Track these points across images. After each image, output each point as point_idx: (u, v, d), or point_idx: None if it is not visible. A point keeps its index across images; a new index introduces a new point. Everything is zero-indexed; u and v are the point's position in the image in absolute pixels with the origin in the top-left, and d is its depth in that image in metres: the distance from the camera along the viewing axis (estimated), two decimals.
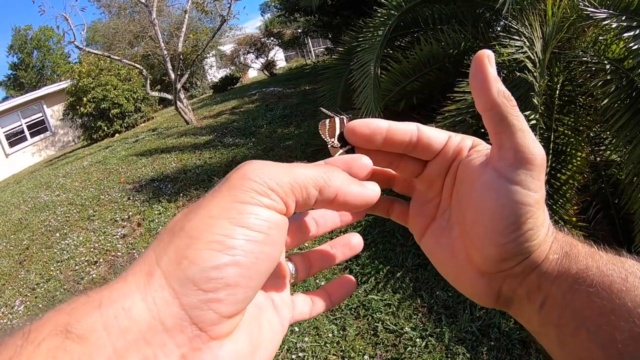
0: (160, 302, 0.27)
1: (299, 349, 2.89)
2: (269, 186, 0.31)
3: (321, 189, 0.34)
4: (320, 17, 12.88)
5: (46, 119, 19.22)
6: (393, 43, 4.84)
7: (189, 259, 0.28)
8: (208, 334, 0.28)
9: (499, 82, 0.36)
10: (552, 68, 3.05)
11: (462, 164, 0.41)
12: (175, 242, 0.29)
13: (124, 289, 0.27)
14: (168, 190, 6.43)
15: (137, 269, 0.29)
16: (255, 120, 9.22)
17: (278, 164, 0.34)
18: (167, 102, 15.55)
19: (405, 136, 0.40)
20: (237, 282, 0.28)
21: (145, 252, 0.30)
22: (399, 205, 0.48)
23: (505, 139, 0.36)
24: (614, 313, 0.33)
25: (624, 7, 2.66)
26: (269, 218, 0.31)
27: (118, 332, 0.25)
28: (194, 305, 0.27)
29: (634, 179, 2.48)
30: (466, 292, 0.42)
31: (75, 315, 0.26)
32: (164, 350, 0.26)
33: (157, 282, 0.27)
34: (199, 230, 0.29)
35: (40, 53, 30.94)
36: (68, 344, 0.24)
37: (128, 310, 0.26)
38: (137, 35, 16.57)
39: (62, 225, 6.31)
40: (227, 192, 0.31)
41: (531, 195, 0.35)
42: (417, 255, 3.52)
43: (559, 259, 0.37)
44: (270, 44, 20.15)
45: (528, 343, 2.54)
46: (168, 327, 0.27)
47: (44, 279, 4.98)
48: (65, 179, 8.92)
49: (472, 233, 0.38)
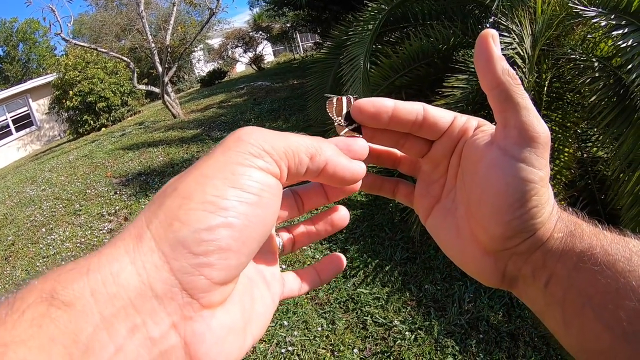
0: (150, 267, 0.26)
1: (288, 342, 2.89)
2: (264, 149, 0.31)
3: (312, 156, 0.35)
4: (309, 11, 12.86)
5: (32, 113, 18.98)
6: (383, 38, 4.83)
7: (181, 220, 0.27)
8: (199, 301, 0.28)
9: (503, 61, 0.36)
10: (541, 65, 3.07)
11: (467, 143, 0.41)
12: (167, 203, 0.29)
13: (113, 253, 0.27)
14: (155, 184, 6.40)
15: (126, 233, 0.28)
16: (243, 114, 9.20)
17: (273, 130, 0.34)
18: (154, 95, 15.45)
19: (411, 115, 0.40)
20: (230, 245, 0.28)
21: (137, 217, 0.29)
22: (405, 186, 0.48)
23: (510, 117, 0.36)
24: (618, 292, 0.33)
25: (613, 6, 2.68)
26: (262, 180, 0.31)
27: (106, 299, 0.25)
28: (185, 269, 0.27)
29: (621, 176, 2.50)
30: (471, 272, 0.42)
31: (61, 282, 0.25)
32: (154, 318, 0.26)
33: (147, 245, 0.27)
34: (191, 190, 0.29)
35: (26, 46, 30.50)
36: (53, 310, 0.24)
37: (116, 275, 0.25)
38: (125, 28, 16.37)
39: (48, 220, 6.25)
40: (222, 153, 0.31)
41: (536, 172, 0.35)
42: (406, 249, 3.54)
43: (564, 237, 0.37)
44: (259, 38, 20.07)
45: (516, 336, 2.57)
46: (158, 294, 0.26)
47: (30, 275, 4.92)
48: (51, 173, 8.84)
49: (477, 212, 0.39)
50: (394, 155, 0.48)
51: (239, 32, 20.16)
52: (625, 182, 2.45)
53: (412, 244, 3.58)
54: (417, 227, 3.19)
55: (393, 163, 0.48)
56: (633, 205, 2.39)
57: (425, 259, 3.37)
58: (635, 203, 2.38)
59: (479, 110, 3.02)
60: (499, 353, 2.48)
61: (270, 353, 2.84)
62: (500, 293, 2.85)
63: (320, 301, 3.22)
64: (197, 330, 0.28)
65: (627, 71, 2.45)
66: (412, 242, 3.60)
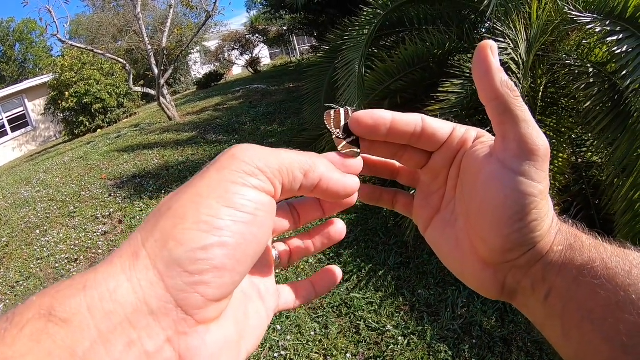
0: (145, 284, 0.27)
1: (281, 347, 2.88)
2: (258, 167, 0.32)
3: (306, 172, 0.35)
4: (306, 14, 12.90)
5: (27, 114, 18.93)
6: (378, 42, 4.84)
7: (176, 239, 0.28)
8: (194, 317, 0.28)
9: (502, 73, 0.36)
10: (536, 70, 3.08)
11: (467, 155, 0.41)
12: (162, 223, 0.29)
13: (110, 270, 0.27)
14: (150, 186, 6.37)
15: (123, 251, 0.29)
16: (239, 117, 9.20)
17: (266, 147, 0.34)
18: (150, 97, 15.39)
19: (410, 127, 0.40)
20: (224, 264, 0.28)
21: (133, 233, 0.30)
22: (404, 197, 0.48)
23: (509, 129, 0.36)
24: (618, 305, 0.33)
25: (608, 12, 2.70)
26: (256, 199, 0.31)
27: (103, 315, 0.25)
28: (179, 287, 0.27)
29: (615, 181, 2.51)
30: (471, 284, 0.42)
31: (59, 298, 0.25)
32: (149, 333, 0.26)
33: (143, 263, 0.27)
34: (186, 210, 0.29)
35: (22, 46, 30.46)
36: (51, 327, 0.24)
37: (113, 292, 0.26)
38: (121, 30, 16.38)
39: (43, 222, 6.21)
40: (216, 172, 0.31)
41: (535, 185, 0.35)
42: (399, 253, 3.54)
43: (564, 250, 0.37)
44: (255, 40, 20.12)
45: (509, 341, 2.57)
46: (153, 310, 0.26)
47: (24, 276, 4.90)
48: (46, 174, 8.80)
49: (476, 224, 0.39)
50: (392, 166, 0.47)
51: (236, 34, 20.19)
52: (619, 187, 2.45)
53: (406, 249, 3.58)
54: (411, 232, 3.19)
55: (391, 174, 0.48)
56: (627, 211, 2.40)
57: (419, 264, 3.37)
58: (629, 208, 2.39)
59: (474, 115, 3.03)
60: (492, 358, 2.48)
61: (263, 357, 2.83)
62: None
63: (314, 305, 3.21)
64: (192, 345, 0.28)
65: (622, 77, 2.45)
66: (405, 247, 3.60)
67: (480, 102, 0.38)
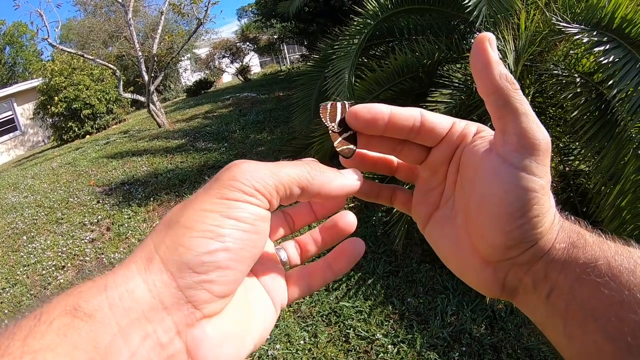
0: (160, 284, 0.30)
1: (270, 356, 2.87)
2: (256, 188, 0.33)
3: (304, 188, 0.36)
4: (296, 23, 12.94)
5: (16, 118, 18.74)
6: (368, 52, 4.87)
7: (185, 246, 0.31)
8: (202, 311, 0.31)
9: (500, 65, 0.36)
10: (524, 80, 3.11)
11: (466, 150, 0.40)
12: (171, 232, 0.32)
13: (127, 273, 0.30)
14: (138, 194, 6.32)
15: (137, 256, 0.32)
16: (228, 125, 9.16)
17: (264, 164, 0.35)
18: (139, 104, 15.34)
19: (408, 121, 0.40)
20: (228, 265, 0.32)
21: (143, 242, 0.33)
22: (402, 194, 0.48)
23: (508, 123, 0.36)
24: (622, 304, 0.32)
25: (595, 23, 2.73)
26: (256, 212, 0.33)
27: (122, 311, 0.28)
28: (189, 285, 0.30)
29: (602, 188, 2.53)
30: (471, 282, 0.41)
31: (83, 297, 0.29)
32: (163, 326, 0.30)
33: (157, 267, 0.31)
34: (193, 221, 0.32)
35: (12, 49, 30.19)
36: (77, 322, 0.27)
37: (131, 292, 0.29)
38: (112, 35, 16.33)
39: (30, 228, 6.14)
40: (218, 190, 0.33)
41: (536, 180, 0.34)
42: (388, 262, 3.54)
43: (566, 247, 0.36)
44: (246, 49, 20.09)
45: (499, 348, 2.58)
46: (167, 306, 0.30)
47: (10, 283, 4.84)
48: (34, 180, 8.71)
49: (476, 221, 0.38)
50: (390, 162, 0.47)
51: (227, 42, 20.15)
52: (606, 195, 2.48)
53: (395, 258, 3.58)
54: (400, 240, 3.20)
55: (390, 170, 0.47)
56: (614, 218, 2.42)
57: (408, 272, 3.37)
58: (616, 215, 2.41)
59: None
60: None
61: None
62: (483, 305, 2.86)
63: (303, 314, 3.20)
64: (197, 337, 0.31)
65: (609, 87, 2.49)
66: (394, 255, 3.60)
67: (469, 112, 0.38)
